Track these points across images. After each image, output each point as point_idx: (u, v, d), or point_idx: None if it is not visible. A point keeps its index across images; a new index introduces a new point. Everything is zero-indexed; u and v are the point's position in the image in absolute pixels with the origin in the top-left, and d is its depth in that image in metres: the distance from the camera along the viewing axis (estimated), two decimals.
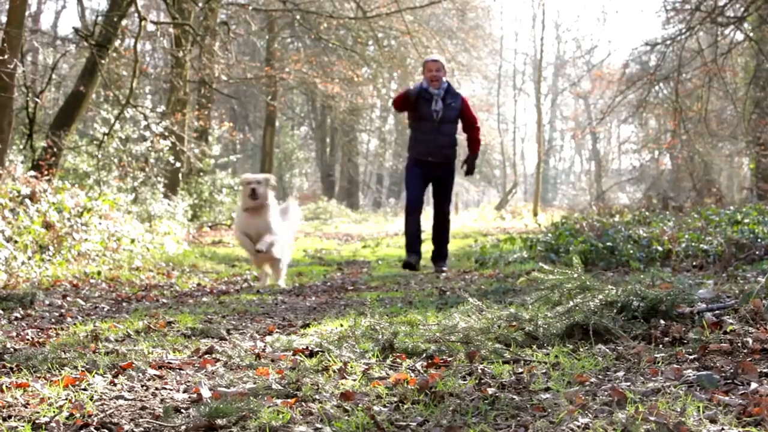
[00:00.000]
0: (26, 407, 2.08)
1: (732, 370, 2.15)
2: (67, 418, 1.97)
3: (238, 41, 19.09)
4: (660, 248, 6.09)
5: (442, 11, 21.35)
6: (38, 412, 2.02)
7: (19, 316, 3.77)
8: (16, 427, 1.89)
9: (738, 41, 12.08)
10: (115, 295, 5.06)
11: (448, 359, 2.56)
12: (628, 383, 2.11)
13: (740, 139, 15.01)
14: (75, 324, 3.60)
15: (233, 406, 1.94)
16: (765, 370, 2.15)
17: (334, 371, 2.40)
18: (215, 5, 13.72)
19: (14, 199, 6.55)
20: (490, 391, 2.07)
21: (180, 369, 2.58)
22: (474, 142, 7.25)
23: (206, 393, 2.19)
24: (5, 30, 7.98)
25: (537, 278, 3.39)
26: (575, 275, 3.13)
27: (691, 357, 2.38)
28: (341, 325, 3.28)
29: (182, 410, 2.04)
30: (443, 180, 7.10)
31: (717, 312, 2.88)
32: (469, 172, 7.19)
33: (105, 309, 4.14)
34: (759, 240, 5.81)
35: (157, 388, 2.32)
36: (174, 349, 2.96)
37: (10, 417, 1.99)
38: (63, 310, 4.02)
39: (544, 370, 2.31)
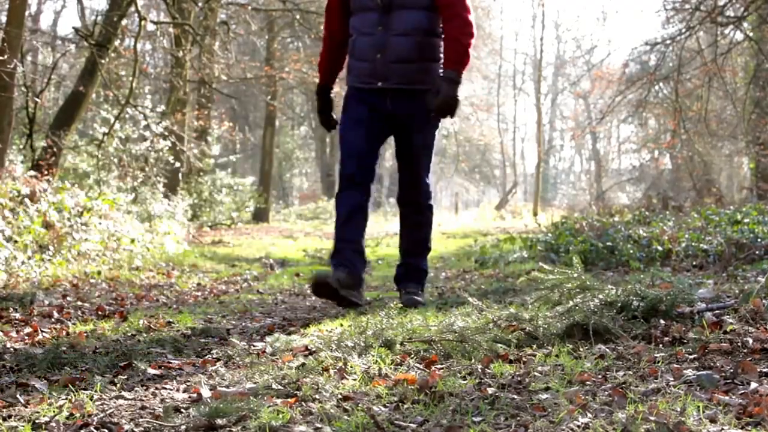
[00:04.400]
0: (26, 407, 2.08)
1: (732, 370, 2.15)
2: (67, 418, 1.97)
3: (238, 41, 19.08)
4: (660, 248, 6.09)
5: None
6: (38, 412, 2.02)
7: (19, 316, 3.77)
8: (16, 426, 1.89)
9: (738, 41, 12.09)
10: (115, 294, 5.06)
11: (448, 359, 2.56)
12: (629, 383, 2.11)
13: (740, 139, 15.02)
14: (75, 324, 3.60)
15: (233, 406, 1.94)
16: (765, 370, 2.15)
17: (335, 371, 2.39)
18: (215, 5, 13.72)
19: (14, 199, 6.54)
20: (490, 391, 2.07)
21: (180, 369, 2.58)
22: (451, 44, 3.80)
23: (206, 393, 2.19)
24: (5, 30, 7.97)
25: (537, 278, 3.39)
26: (575, 275, 3.13)
27: (691, 357, 2.38)
28: (341, 325, 3.29)
29: (182, 410, 2.04)
30: (408, 127, 3.93)
31: (717, 312, 2.88)
32: (440, 110, 3.82)
33: (105, 309, 4.13)
34: (759, 240, 5.81)
35: (157, 388, 2.32)
36: (174, 349, 2.96)
37: (10, 417, 1.99)
38: (63, 310, 4.02)
39: (544, 370, 2.31)
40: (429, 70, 3.90)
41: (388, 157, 33.34)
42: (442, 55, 3.91)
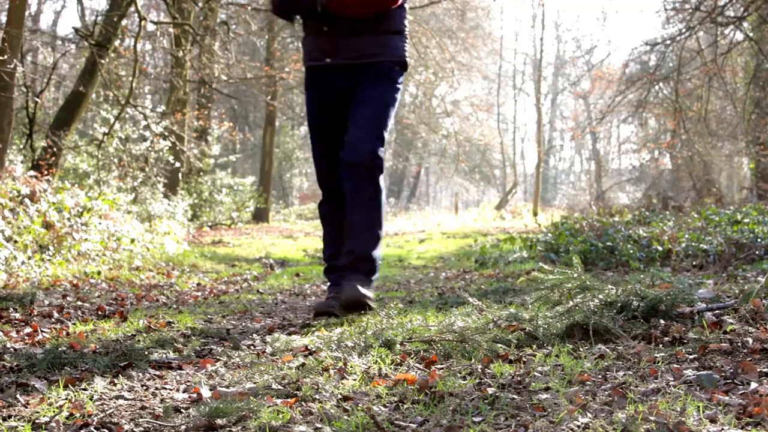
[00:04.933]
0: (26, 407, 2.08)
1: (732, 370, 2.15)
2: (67, 418, 1.97)
3: (238, 41, 19.09)
4: (660, 248, 6.09)
5: (442, 11, 21.36)
6: (38, 412, 2.02)
7: (19, 316, 3.77)
8: (16, 426, 1.89)
9: (738, 41, 12.09)
10: (115, 294, 5.05)
11: (448, 359, 2.56)
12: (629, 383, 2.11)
13: (740, 139, 15.02)
14: (75, 324, 3.60)
15: (233, 406, 1.94)
16: (765, 370, 2.15)
17: (335, 371, 2.39)
18: (215, 5, 13.72)
19: (14, 199, 6.55)
20: (490, 391, 2.07)
21: (180, 369, 2.58)
22: None
23: (206, 393, 2.19)
24: (5, 30, 7.98)
25: (537, 278, 3.39)
26: (575, 275, 3.13)
27: (691, 357, 2.38)
28: (341, 325, 3.28)
29: (182, 410, 2.04)
30: (359, 86, 3.44)
31: (717, 312, 2.88)
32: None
33: (105, 309, 4.13)
34: (759, 240, 5.81)
35: (157, 388, 2.32)
36: (174, 349, 2.96)
37: (10, 417, 1.99)
38: (63, 310, 4.02)
39: (544, 370, 2.31)
40: (387, 43, 3.41)
41: (387, 157, 33.31)
42: (405, 26, 3.49)
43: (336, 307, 3.44)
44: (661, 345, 2.57)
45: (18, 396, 2.17)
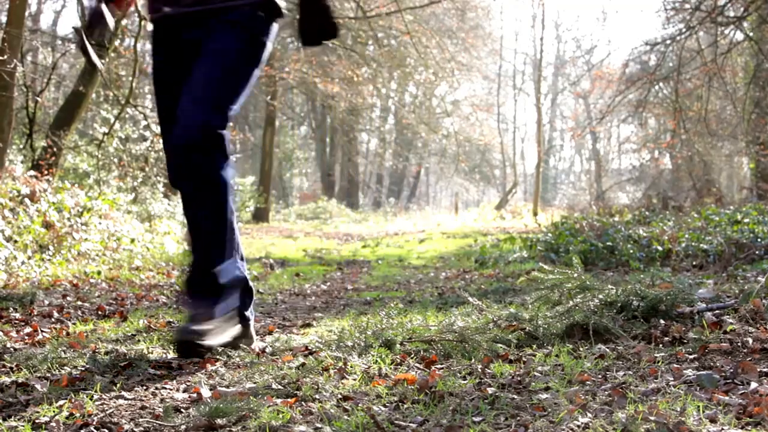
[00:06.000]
0: (26, 407, 2.08)
1: (732, 370, 2.15)
2: (67, 418, 1.97)
3: None
4: (660, 248, 6.09)
5: (442, 11, 21.37)
6: (38, 412, 2.02)
7: (19, 316, 3.77)
8: (16, 426, 1.89)
9: (738, 41, 12.09)
10: (115, 294, 5.05)
11: (448, 359, 2.56)
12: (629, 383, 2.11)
13: (740, 139, 15.03)
14: (75, 324, 3.60)
15: (233, 406, 1.94)
16: (765, 370, 2.15)
17: (335, 371, 2.39)
18: None
19: (14, 199, 6.55)
20: (490, 391, 2.07)
21: (180, 369, 2.58)
22: None
23: (206, 393, 2.19)
24: (5, 30, 7.98)
25: (537, 278, 3.39)
26: (575, 275, 3.13)
27: (691, 357, 2.38)
28: (341, 325, 3.28)
29: (182, 410, 2.04)
30: (201, 48, 2.58)
31: (717, 312, 2.88)
32: (311, 36, 2.67)
33: (105, 309, 4.13)
34: (759, 240, 5.81)
35: (157, 388, 2.32)
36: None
37: (10, 417, 1.99)
38: (63, 310, 4.02)
39: (544, 370, 2.31)
40: None
41: (387, 156, 33.33)
42: None
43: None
44: (661, 345, 2.57)
45: (18, 396, 2.17)
